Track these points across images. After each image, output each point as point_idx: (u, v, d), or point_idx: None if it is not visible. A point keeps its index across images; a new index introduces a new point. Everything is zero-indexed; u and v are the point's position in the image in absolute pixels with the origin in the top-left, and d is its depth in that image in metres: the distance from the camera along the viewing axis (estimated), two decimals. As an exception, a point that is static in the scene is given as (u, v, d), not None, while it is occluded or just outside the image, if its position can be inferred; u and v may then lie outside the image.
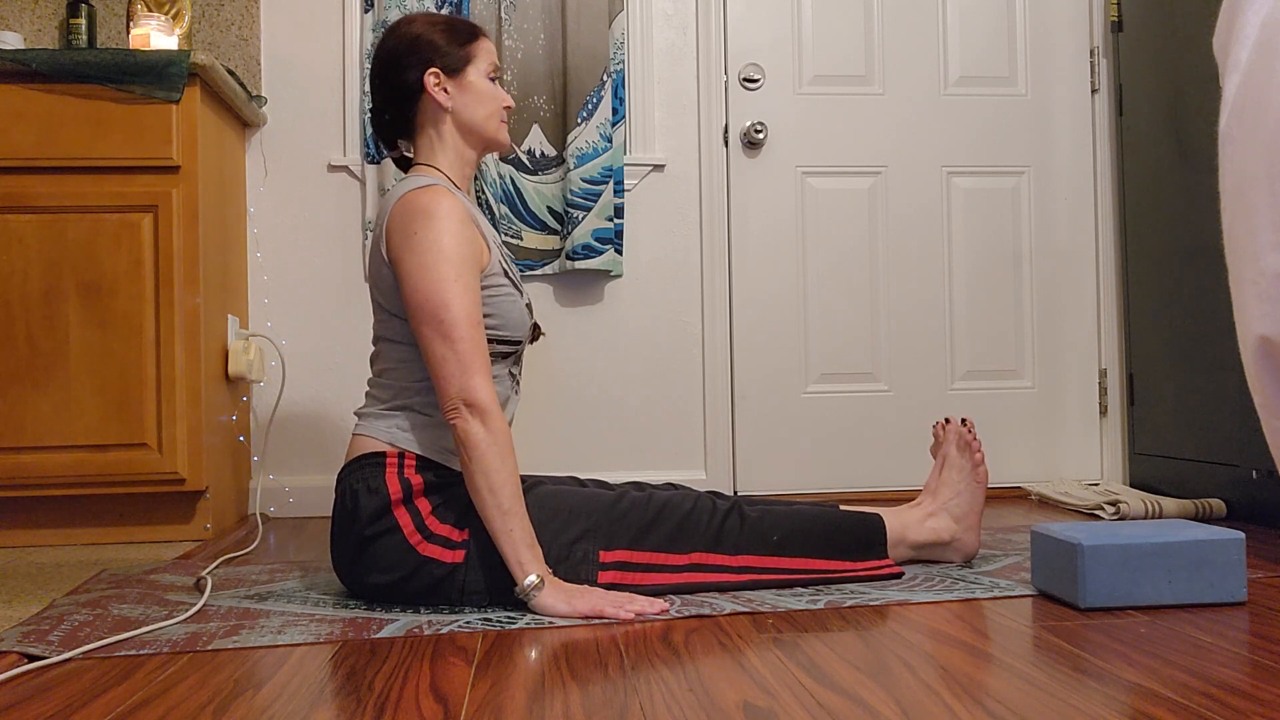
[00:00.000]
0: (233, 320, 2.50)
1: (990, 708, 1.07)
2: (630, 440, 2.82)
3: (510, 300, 1.68)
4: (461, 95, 1.70)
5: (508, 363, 1.70)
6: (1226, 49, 0.79)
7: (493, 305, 1.64)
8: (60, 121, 2.20)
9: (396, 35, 1.71)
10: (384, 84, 1.72)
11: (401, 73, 1.69)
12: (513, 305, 1.68)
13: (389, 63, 1.71)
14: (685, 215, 2.85)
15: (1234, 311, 0.78)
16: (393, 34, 1.72)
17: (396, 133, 1.76)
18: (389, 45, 1.71)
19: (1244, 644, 1.30)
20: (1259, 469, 2.26)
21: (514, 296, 1.69)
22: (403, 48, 1.70)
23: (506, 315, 1.66)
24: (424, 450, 1.60)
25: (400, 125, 1.74)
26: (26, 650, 1.34)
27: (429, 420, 1.62)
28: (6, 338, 2.19)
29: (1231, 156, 0.77)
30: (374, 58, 1.74)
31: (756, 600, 1.58)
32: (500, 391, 1.67)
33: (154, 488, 2.23)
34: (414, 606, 1.58)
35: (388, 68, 1.71)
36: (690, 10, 2.85)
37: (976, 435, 1.83)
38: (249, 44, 2.72)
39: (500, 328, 1.65)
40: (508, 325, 1.67)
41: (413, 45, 1.69)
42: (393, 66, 1.70)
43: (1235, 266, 0.77)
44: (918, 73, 2.92)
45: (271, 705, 1.13)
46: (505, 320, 1.66)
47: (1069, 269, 2.96)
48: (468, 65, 1.71)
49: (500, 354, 1.67)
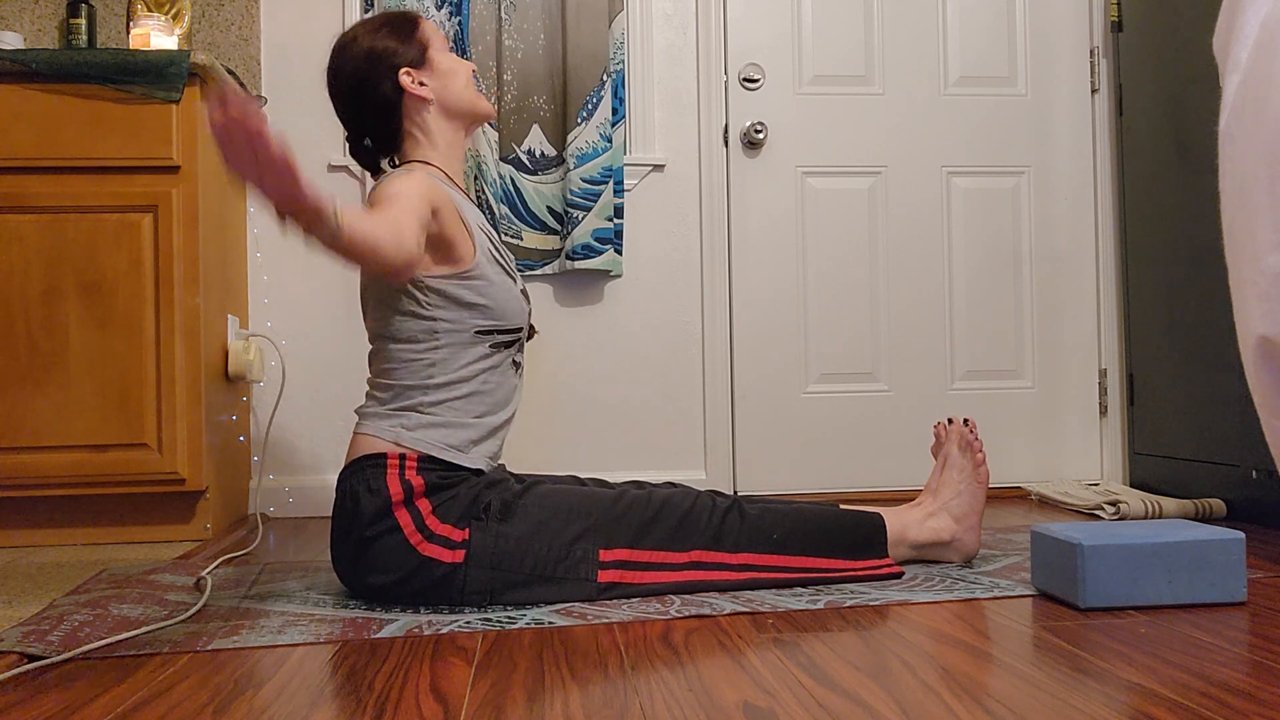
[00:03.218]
0: (233, 320, 2.50)
1: (990, 708, 1.07)
2: (630, 440, 2.82)
3: (505, 288, 1.68)
4: (436, 79, 1.71)
5: (510, 351, 1.71)
6: (1226, 49, 0.79)
7: (488, 294, 1.64)
8: (60, 121, 2.20)
9: (349, 57, 1.70)
10: (359, 106, 1.71)
11: (374, 88, 1.68)
12: (508, 293, 1.68)
13: (356, 86, 1.69)
14: (685, 215, 2.85)
15: (1234, 311, 0.78)
16: (344, 58, 1.70)
17: (381, 152, 1.75)
18: (348, 70, 1.70)
19: (1244, 644, 1.30)
20: (1259, 469, 2.26)
21: (508, 284, 1.69)
22: (363, 66, 1.68)
23: (503, 304, 1.66)
24: (427, 449, 1.60)
25: (385, 141, 1.73)
26: (26, 650, 1.34)
27: (433, 419, 1.62)
28: (6, 338, 2.19)
29: (1231, 156, 0.77)
30: (336, 87, 1.72)
31: (756, 600, 1.58)
32: (505, 381, 1.68)
33: (154, 488, 2.23)
34: (414, 606, 1.58)
35: (358, 90, 1.69)
36: (690, 10, 2.85)
37: (978, 435, 1.83)
38: (249, 44, 2.72)
39: (498, 317, 1.65)
40: (505, 314, 1.67)
41: (371, 59, 1.68)
42: (362, 86, 1.69)
43: (1235, 266, 0.77)
44: (917, 73, 2.92)
45: (271, 705, 1.13)
46: (502, 309, 1.66)
47: (1069, 269, 2.97)
48: (427, 50, 1.72)
49: (502, 343, 1.67)
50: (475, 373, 1.64)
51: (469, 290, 1.63)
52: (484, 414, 1.66)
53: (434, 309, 1.61)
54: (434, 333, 1.62)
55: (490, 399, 1.66)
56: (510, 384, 1.69)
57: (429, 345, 1.62)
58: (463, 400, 1.63)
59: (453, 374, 1.63)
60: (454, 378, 1.63)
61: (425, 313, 1.61)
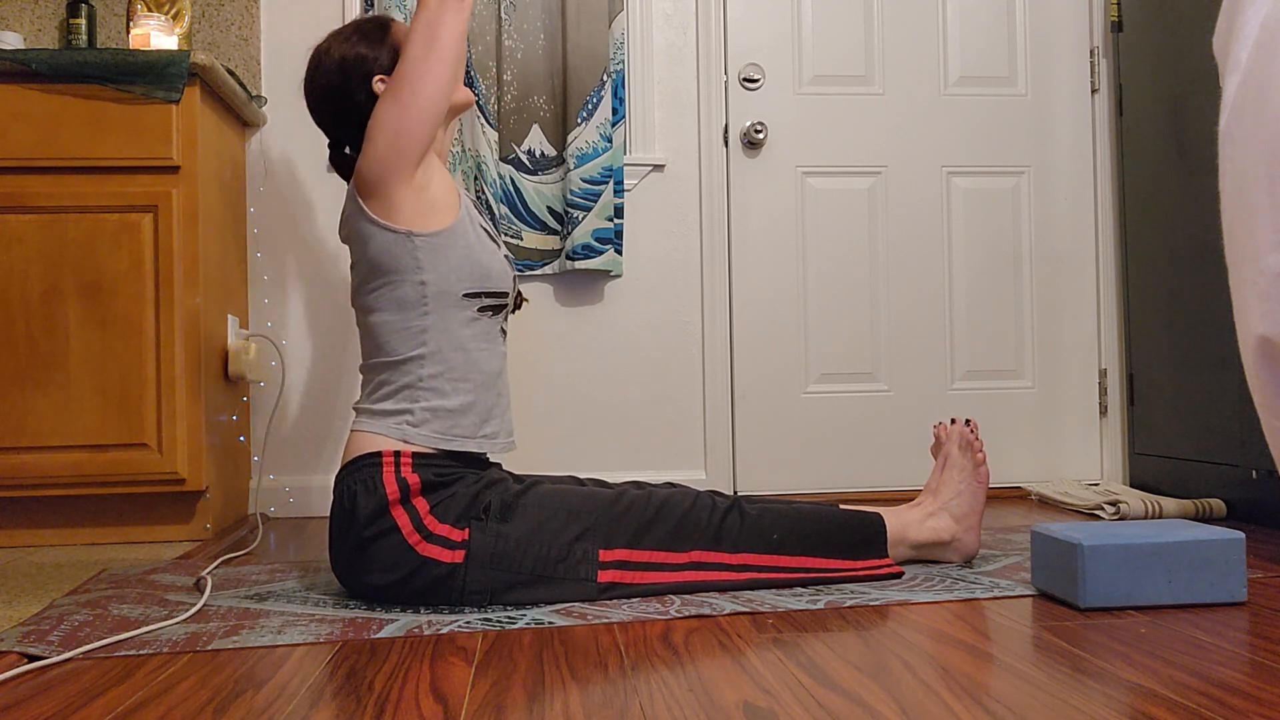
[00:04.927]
0: (233, 320, 2.50)
1: (990, 708, 1.07)
2: (630, 440, 2.82)
3: (490, 252, 1.70)
4: None
5: (498, 318, 1.73)
6: (1226, 49, 0.79)
7: (472, 253, 1.66)
8: (60, 121, 2.20)
9: (322, 68, 1.72)
10: (335, 115, 1.73)
11: (348, 97, 1.70)
12: (493, 256, 1.70)
13: (331, 96, 1.71)
14: (685, 215, 2.85)
15: (1234, 311, 0.78)
16: (318, 69, 1.73)
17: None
18: (321, 81, 1.72)
19: (1244, 644, 1.30)
20: (1259, 469, 2.26)
21: (492, 248, 1.71)
22: (336, 76, 1.70)
23: (488, 263, 1.68)
24: (426, 439, 1.61)
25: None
26: (26, 650, 1.34)
27: (428, 399, 1.62)
28: (6, 338, 2.19)
29: (1231, 156, 0.77)
30: (311, 98, 1.74)
31: (756, 600, 1.58)
32: (495, 349, 1.70)
33: (154, 488, 2.23)
34: (414, 606, 1.58)
35: (332, 100, 1.72)
36: (690, 10, 2.85)
37: (979, 435, 1.83)
38: (249, 44, 2.72)
39: (484, 277, 1.67)
40: (490, 274, 1.68)
41: (343, 68, 1.70)
42: (336, 96, 1.71)
43: (1235, 266, 0.77)
44: (917, 73, 2.92)
45: (271, 705, 1.13)
46: (487, 268, 1.68)
47: (1069, 269, 2.97)
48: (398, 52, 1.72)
49: (490, 307, 1.68)
50: (465, 339, 1.66)
51: (455, 248, 1.65)
52: (479, 385, 1.67)
53: (423, 270, 1.63)
54: (423, 297, 1.64)
55: (482, 369, 1.68)
56: (499, 353, 1.72)
57: (419, 311, 1.64)
58: (457, 369, 1.64)
59: (444, 340, 1.64)
60: (445, 343, 1.64)
61: (414, 274, 1.63)
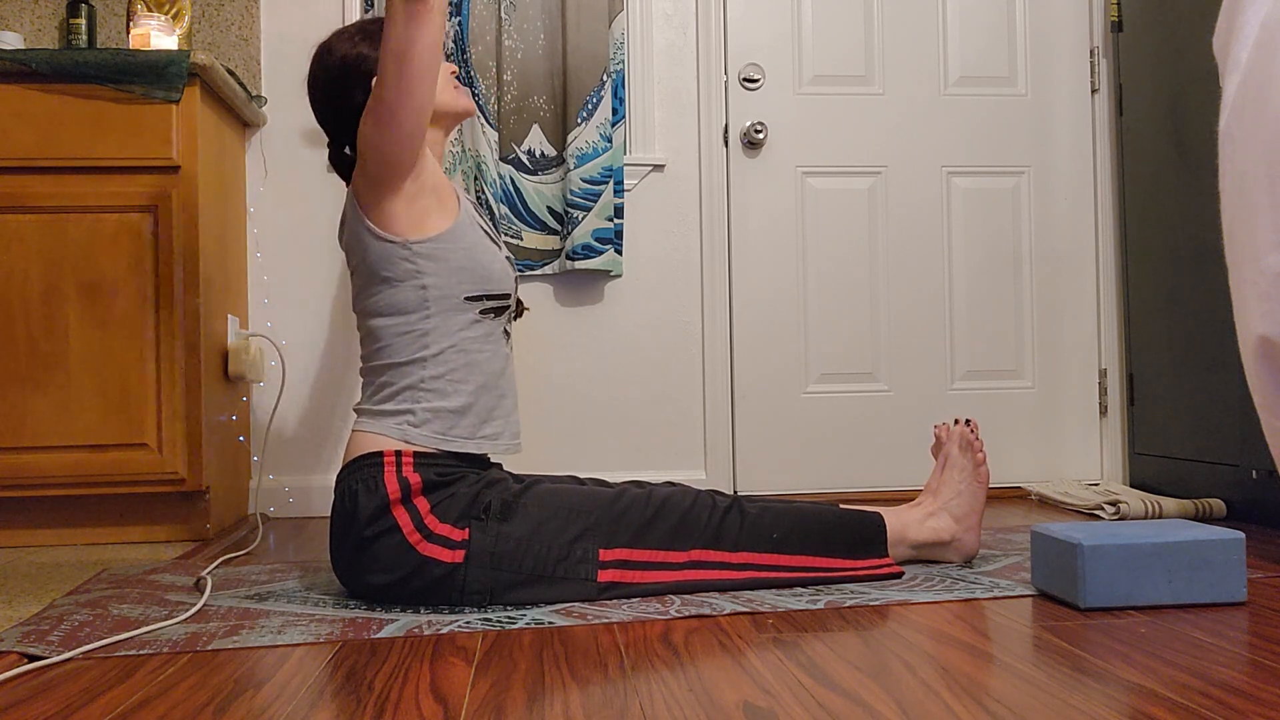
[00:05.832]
0: (233, 320, 2.50)
1: (990, 708, 1.07)
2: (630, 440, 2.82)
3: (490, 251, 1.70)
4: None
5: (501, 320, 1.72)
6: (1226, 49, 0.79)
7: (473, 255, 1.66)
8: (60, 121, 2.20)
9: (325, 67, 1.71)
10: (335, 115, 1.72)
11: (349, 97, 1.69)
12: (493, 257, 1.70)
13: (331, 95, 1.71)
14: (685, 215, 2.85)
15: (1234, 311, 0.78)
16: (320, 68, 1.72)
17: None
18: (323, 80, 1.72)
19: (1244, 644, 1.30)
20: (1259, 469, 2.26)
21: (492, 248, 1.71)
22: (337, 75, 1.70)
23: (489, 265, 1.68)
24: (428, 439, 1.61)
25: None
26: (26, 650, 1.34)
27: (430, 401, 1.62)
28: (6, 338, 2.19)
29: (1231, 156, 0.77)
30: (313, 96, 1.74)
31: (756, 600, 1.58)
32: (498, 351, 1.70)
33: (154, 488, 2.23)
34: (414, 606, 1.58)
35: (332, 99, 1.71)
36: (690, 10, 2.85)
37: (979, 435, 1.83)
38: (249, 44, 2.72)
39: (485, 279, 1.67)
40: (492, 276, 1.68)
41: (345, 67, 1.69)
42: (337, 95, 1.70)
43: (1235, 266, 0.77)
44: (917, 73, 2.92)
45: (271, 705, 1.13)
46: (488, 270, 1.68)
47: (1069, 269, 2.97)
48: None
49: (491, 309, 1.68)
50: (467, 341, 1.65)
51: (455, 252, 1.64)
52: (480, 386, 1.66)
53: (424, 275, 1.63)
54: (425, 301, 1.63)
55: (484, 370, 1.67)
56: (503, 354, 1.71)
57: (421, 315, 1.63)
58: (458, 371, 1.64)
59: (446, 343, 1.64)
60: (447, 345, 1.64)
61: (415, 279, 1.63)
